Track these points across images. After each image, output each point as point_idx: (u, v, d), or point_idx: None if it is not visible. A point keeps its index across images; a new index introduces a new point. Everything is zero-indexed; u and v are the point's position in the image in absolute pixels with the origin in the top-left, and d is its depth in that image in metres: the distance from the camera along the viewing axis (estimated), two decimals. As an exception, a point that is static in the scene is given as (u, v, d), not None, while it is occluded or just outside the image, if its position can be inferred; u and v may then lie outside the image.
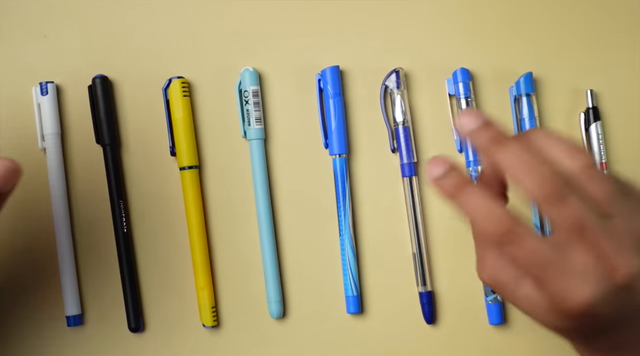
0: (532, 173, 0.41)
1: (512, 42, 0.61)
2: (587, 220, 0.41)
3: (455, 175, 0.43)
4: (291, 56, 0.60)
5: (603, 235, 0.41)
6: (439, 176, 0.43)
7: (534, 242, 0.41)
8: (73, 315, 0.58)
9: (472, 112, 0.43)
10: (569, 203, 0.41)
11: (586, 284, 0.40)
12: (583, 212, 0.41)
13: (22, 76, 0.59)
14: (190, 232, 0.59)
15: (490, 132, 0.43)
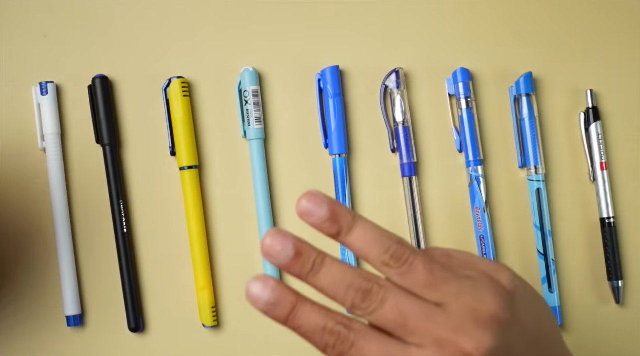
0: (345, 290, 0.40)
1: (512, 42, 0.61)
2: (409, 311, 0.39)
3: (284, 298, 0.41)
4: (291, 56, 0.61)
5: (436, 324, 0.39)
6: (265, 304, 0.41)
7: (369, 343, 0.40)
8: (73, 315, 0.58)
9: (279, 235, 0.40)
10: (387, 304, 0.39)
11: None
12: (404, 308, 0.39)
13: (22, 76, 0.59)
14: (190, 232, 0.59)
15: (300, 262, 0.40)
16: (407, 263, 0.40)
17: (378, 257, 0.40)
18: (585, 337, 0.60)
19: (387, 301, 0.39)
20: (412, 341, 0.39)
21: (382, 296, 0.39)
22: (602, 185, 0.60)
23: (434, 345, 0.39)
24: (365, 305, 0.40)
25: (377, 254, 0.40)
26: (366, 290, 0.39)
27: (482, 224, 0.59)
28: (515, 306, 0.41)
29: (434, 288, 0.40)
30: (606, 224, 0.60)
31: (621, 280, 0.60)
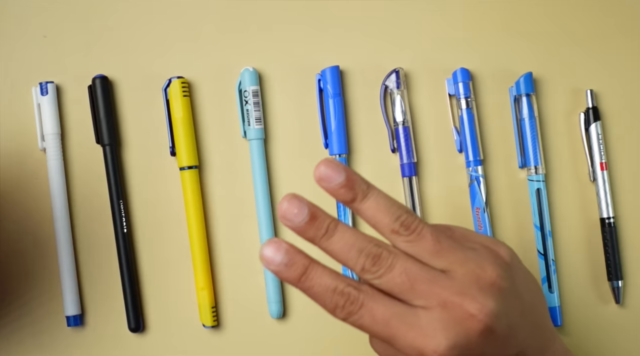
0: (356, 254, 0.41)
1: (512, 42, 0.61)
2: (419, 278, 0.41)
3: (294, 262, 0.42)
4: (291, 56, 0.61)
5: (441, 288, 0.41)
6: (280, 264, 0.42)
7: (377, 305, 0.41)
8: (73, 315, 0.58)
9: (296, 199, 0.42)
10: (395, 269, 0.41)
11: (438, 337, 0.40)
12: (412, 272, 0.41)
13: (22, 76, 0.59)
14: (190, 232, 0.59)
15: (314, 226, 0.42)
16: (416, 232, 0.42)
17: (388, 225, 0.42)
18: (585, 337, 0.60)
19: (395, 266, 0.41)
20: (418, 303, 0.41)
21: (391, 261, 0.41)
22: (602, 185, 0.60)
23: (439, 306, 0.40)
24: (374, 268, 0.41)
25: (388, 222, 0.42)
26: (376, 255, 0.41)
27: (482, 224, 0.59)
28: (512, 276, 0.43)
29: (440, 256, 0.42)
30: (606, 224, 0.60)
31: (621, 280, 0.60)
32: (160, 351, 0.59)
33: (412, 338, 0.40)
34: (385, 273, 0.41)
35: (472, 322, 0.40)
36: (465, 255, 0.42)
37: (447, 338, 0.40)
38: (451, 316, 0.40)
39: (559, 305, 0.59)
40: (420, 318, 0.41)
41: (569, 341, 0.60)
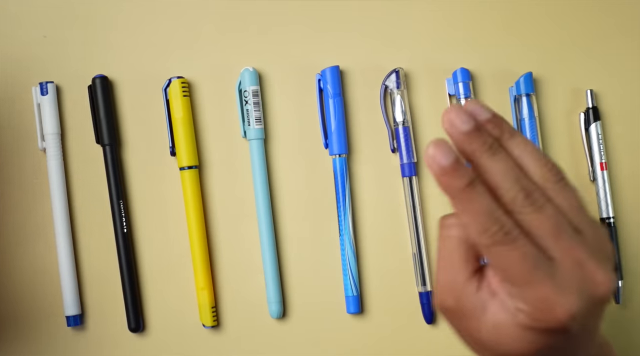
0: (514, 182, 0.41)
1: (512, 42, 0.61)
2: (563, 229, 0.41)
3: (462, 170, 0.42)
4: (291, 56, 0.61)
5: (580, 246, 0.40)
6: (447, 167, 0.42)
7: (527, 245, 0.40)
8: (73, 315, 0.58)
9: (463, 109, 0.43)
10: (545, 211, 0.40)
11: (572, 295, 0.40)
12: (559, 220, 0.41)
13: (22, 76, 0.59)
14: (190, 232, 0.58)
15: (481, 137, 0.42)
16: (565, 180, 0.41)
17: (539, 169, 0.41)
18: (585, 337, 0.60)
19: (546, 209, 0.40)
20: (556, 255, 0.40)
21: (542, 203, 0.40)
22: (602, 185, 0.60)
23: (576, 265, 0.40)
24: (526, 203, 0.40)
25: (536, 165, 0.41)
26: (530, 192, 0.40)
27: (482, 224, 0.59)
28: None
29: (580, 212, 0.41)
30: (606, 224, 0.60)
31: (621, 280, 0.60)
32: (160, 351, 0.59)
33: (548, 290, 0.40)
34: (534, 211, 0.40)
35: (600, 291, 0.40)
36: (596, 223, 0.41)
37: (580, 298, 0.40)
38: (585, 278, 0.40)
39: (559, 305, 0.59)
40: (559, 271, 0.40)
41: (569, 341, 0.60)
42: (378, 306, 0.59)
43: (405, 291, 0.60)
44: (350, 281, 0.59)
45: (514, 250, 0.40)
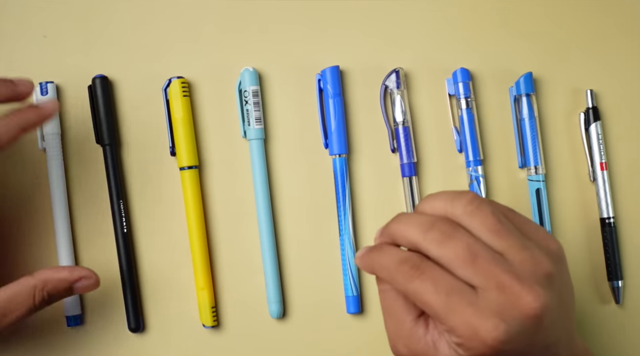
0: (412, 224, 0.43)
1: (512, 42, 0.61)
2: (480, 254, 0.41)
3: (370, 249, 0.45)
4: (291, 56, 0.61)
5: (501, 270, 0.41)
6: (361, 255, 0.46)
7: (439, 275, 0.41)
8: (73, 315, 0.58)
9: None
10: (456, 238, 0.41)
11: (495, 318, 0.40)
12: (472, 247, 0.41)
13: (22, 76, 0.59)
14: (190, 232, 0.58)
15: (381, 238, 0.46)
16: (475, 204, 0.42)
17: (448, 201, 0.43)
18: (585, 337, 0.60)
19: (456, 236, 0.41)
20: (476, 282, 0.41)
21: (450, 232, 0.41)
22: (602, 185, 0.60)
23: (497, 288, 0.40)
24: (431, 235, 0.42)
25: (446, 199, 0.43)
26: (433, 223, 0.42)
27: (482, 224, 0.59)
28: (560, 271, 0.43)
29: (500, 236, 0.42)
30: (606, 224, 0.60)
31: (621, 280, 0.60)
32: (160, 351, 0.59)
33: (469, 315, 0.40)
34: (445, 240, 0.41)
35: (527, 310, 0.40)
36: (523, 242, 0.42)
37: (504, 321, 0.40)
38: (508, 301, 0.40)
39: (559, 305, 0.59)
40: (479, 297, 0.41)
41: (569, 341, 0.60)
42: (378, 306, 0.59)
43: (405, 291, 0.60)
44: (350, 281, 0.59)
45: (425, 281, 0.41)
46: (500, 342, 0.40)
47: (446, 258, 0.41)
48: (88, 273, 0.52)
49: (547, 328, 0.42)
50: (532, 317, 0.41)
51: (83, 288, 0.52)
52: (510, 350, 0.41)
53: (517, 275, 0.41)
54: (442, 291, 0.41)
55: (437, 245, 0.41)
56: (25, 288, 0.51)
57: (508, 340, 0.40)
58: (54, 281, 0.51)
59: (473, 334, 0.41)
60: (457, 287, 0.41)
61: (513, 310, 0.41)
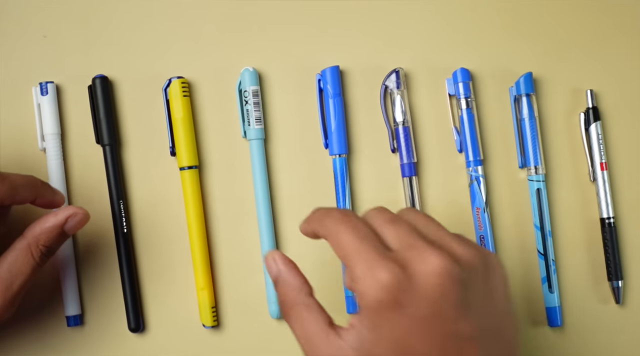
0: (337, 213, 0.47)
1: (512, 42, 0.61)
2: (399, 222, 0.46)
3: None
4: (291, 56, 0.61)
5: (415, 236, 0.45)
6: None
7: (361, 224, 0.45)
8: (73, 315, 0.58)
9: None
10: (384, 214, 0.46)
11: (395, 263, 0.42)
12: (396, 217, 0.46)
13: (22, 76, 0.59)
14: (190, 232, 0.59)
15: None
16: (393, 217, 0.46)
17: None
18: (585, 337, 0.60)
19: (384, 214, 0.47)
20: (392, 243, 0.44)
21: (382, 211, 0.47)
22: (602, 185, 0.60)
23: (408, 248, 0.44)
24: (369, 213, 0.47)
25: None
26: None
27: (482, 224, 0.59)
28: (476, 282, 0.44)
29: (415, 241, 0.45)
30: (606, 224, 0.60)
31: (621, 280, 0.60)
32: (160, 351, 0.59)
33: (373, 258, 0.43)
34: (375, 214, 0.46)
35: (427, 267, 0.42)
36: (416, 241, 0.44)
37: (403, 270, 0.42)
38: (414, 257, 0.43)
39: (559, 305, 0.59)
40: (390, 252, 0.44)
41: (569, 341, 0.60)
42: (378, 306, 0.59)
43: (405, 291, 0.60)
44: (350, 281, 0.59)
45: (349, 226, 0.45)
46: (395, 288, 0.41)
47: (373, 219, 0.45)
48: (73, 211, 0.52)
49: (459, 313, 0.42)
50: (433, 275, 0.42)
51: (74, 227, 0.52)
52: (411, 313, 0.42)
53: (431, 241, 0.44)
54: (358, 236, 0.44)
55: (365, 215, 0.46)
56: (20, 251, 0.51)
57: (401, 288, 0.42)
58: (45, 232, 0.52)
59: (371, 275, 0.42)
60: (373, 238, 0.44)
61: (416, 264, 0.42)
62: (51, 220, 0.52)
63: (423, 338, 0.42)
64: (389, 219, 0.45)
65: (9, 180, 0.51)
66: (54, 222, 0.52)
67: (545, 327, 0.60)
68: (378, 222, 0.45)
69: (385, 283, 0.42)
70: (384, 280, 0.42)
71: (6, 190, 0.50)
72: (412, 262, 0.43)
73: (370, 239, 0.44)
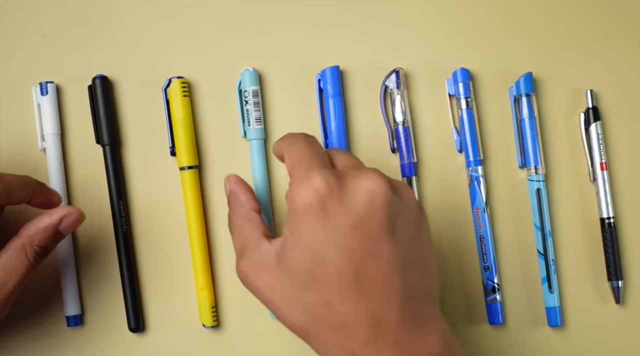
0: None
1: (512, 42, 0.61)
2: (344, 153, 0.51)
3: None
4: (291, 56, 0.61)
5: (359, 164, 0.50)
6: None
7: (320, 147, 0.50)
8: (73, 315, 0.58)
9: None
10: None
11: (331, 175, 0.45)
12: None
13: (22, 76, 0.59)
14: (190, 232, 0.59)
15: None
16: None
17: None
18: (585, 337, 0.60)
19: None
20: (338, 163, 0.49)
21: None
22: (602, 185, 0.60)
23: (353, 168, 0.47)
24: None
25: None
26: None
27: (482, 224, 0.59)
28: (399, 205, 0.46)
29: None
30: (606, 224, 0.60)
31: (621, 280, 0.60)
32: (160, 351, 0.59)
33: (313, 164, 0.46)
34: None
35: (365, 183, 0.45)
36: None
37: (337, 179, 0.45)
38: (353, 173, 0.46)
39: (559, 305, 0.59)
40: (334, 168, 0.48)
41: (569, 341, 0.60)
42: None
43: (405, 291, 0.60)
44: (350, 281, 0.59)
45: (304, 142, 0.48)
46: (325, 194, 0.44)
47: (331, 150, 0.50)
48: (68, 211, 0.52)
49: (382, 233, 0.44)
50: (365, 191, 0.44)
51: (69, 227, 0.52)
52: (334, 223, 0.44)
53: (372, 170, 0.45)
54: (309, 148, 0.47)
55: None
56: (14, 251, 0.51)
57: (331, 195, 0.43)
58: (39, 232, 0.52)
59: (305, 178, 0.44)
60: (323, 155, 0.47)
61: (351, 179, 0.44)
62: (45, 220, 0.52)
63: (340, 250, 0.44)
64: (346, 152, 0.50)
65: (4, 180, 0.51)
66: (49, 222, 0.52)
67: (545, 327, 0.60)
68: (334, 151, 0.50)
69: (316, 186, 0.44)
70: (315, 184, 0.44)
71: (1, 191, 0.50)
72: (349, 176, 0.45)
73: (319, 154, 0.47)
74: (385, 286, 0.44)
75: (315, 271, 0.44)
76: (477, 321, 0.60)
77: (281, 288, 0.46)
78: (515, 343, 0.60)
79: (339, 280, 0.44)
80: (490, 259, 0.59)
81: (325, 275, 0.44)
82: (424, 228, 0.48)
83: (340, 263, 0.44)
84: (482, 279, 0.59)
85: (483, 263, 0.59)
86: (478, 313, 0.60)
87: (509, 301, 0.60)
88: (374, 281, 0.44)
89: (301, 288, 0.45)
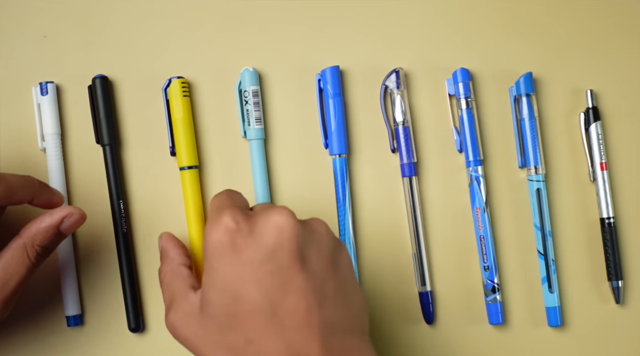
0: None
1: (512, 42, 0.61)
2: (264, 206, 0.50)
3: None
4: (291, 56, 0.61)
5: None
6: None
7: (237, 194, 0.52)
8: (73, 315, 0.58)
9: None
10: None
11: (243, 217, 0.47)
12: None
13: (22, 76, 0.59)
14: (190, 232, 0.58)
15: None
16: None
17: None
18: (585, 337, 0.60)
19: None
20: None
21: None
22: (602, 185, 0.60)
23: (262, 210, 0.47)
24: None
25: None
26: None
27: (482, 224, 0.59)
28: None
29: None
30: (606, 224, 0.60)
31: (621, 280, 0.60)
32: (160, 351, 0.59)
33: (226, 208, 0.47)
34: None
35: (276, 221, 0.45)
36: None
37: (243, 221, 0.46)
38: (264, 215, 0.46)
39: (559, 305, 0.59)
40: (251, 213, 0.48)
41: (569, 341, 0.60)
42: (378, 306, 0.59)
43: (405, 291, 0.60)
44: (350, 281, 0.59)
45: (229, 192, 0.50)
46: (234, 231, 0.45)
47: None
48: (69, 211, 0.52)
49: (294, 263, 0.44)
50: (273, 225, 0.44)
51: (70, 227, 0.52)
52: (245, 258, 0.44)
53: (281, 207, 0.46)
54: (228, 197, 0.49)
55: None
56: (16, 251, 0.51)
57: (240, 232, 0.45)
58: (41, 232, 0.52)
59: (217, 219, 0.46)
60: (239, 200, 0.49)
61: (260, 217, 0.45)
62: (47, 220, 0.52)
63: (253, 285, 0.44)
64: (268, 203, 0.51)
65: (6, 181, 0.51)
66: (50, 222, 0.52)
67: (545, 327, 0.60)
68: (259, 204, 0.50)
69: (225, 224, 0.45)
70: (224, 221, 0.45)
71: (2, 191, 0.50)
72: (258, 213, 0.46)
73: (236, 200, 0.48)
74: (302, 318, 0.43)
75: (233, 310, 0.44)
76: (477, 321, 0.60)
77: (206, 335, 0.46)
78: (515, 343, 0.60)
79: (256, 316, 0.44)
80: (490, 259, 0.59)
81: (243, 312, 0.44)
82: (342, 261, 0.47)
83: (255, 298, 0.44)
84: (482, 279, 0.59)
85: (483, 263, 0.59)
86: (478, 313, 0.60)
87: (509, 301, 0.60)
88: (291, 315, 0.43)
89: (224, 330, 0.45)
